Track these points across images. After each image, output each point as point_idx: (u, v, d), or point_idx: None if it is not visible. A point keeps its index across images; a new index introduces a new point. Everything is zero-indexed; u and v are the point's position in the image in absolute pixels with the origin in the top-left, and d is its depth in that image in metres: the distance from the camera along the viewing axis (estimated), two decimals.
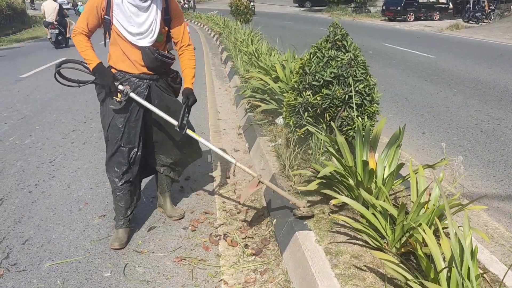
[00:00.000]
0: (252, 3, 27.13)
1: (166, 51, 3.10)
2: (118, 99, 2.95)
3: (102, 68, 2.93)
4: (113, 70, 3.01)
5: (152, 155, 3.35)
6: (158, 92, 3.09)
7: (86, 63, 2.98)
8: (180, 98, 3.24)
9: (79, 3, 43.77)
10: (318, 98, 3.64)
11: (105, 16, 2.90)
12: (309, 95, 3.69)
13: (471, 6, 26.81)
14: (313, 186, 3.06)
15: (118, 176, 3.08)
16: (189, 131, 3.10)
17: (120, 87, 2.94)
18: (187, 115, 3.07)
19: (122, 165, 3.07)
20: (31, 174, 4.33)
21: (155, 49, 2.95)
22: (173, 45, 3.25)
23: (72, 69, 3.05)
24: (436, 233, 2.50)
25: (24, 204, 3.69)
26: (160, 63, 2.99)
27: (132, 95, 2.96)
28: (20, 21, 26.76)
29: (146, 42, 2.93)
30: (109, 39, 2.99)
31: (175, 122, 3.03)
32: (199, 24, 26.30)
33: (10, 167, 4.52)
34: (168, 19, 3.04)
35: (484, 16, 25.31)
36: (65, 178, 4.23)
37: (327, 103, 3.63)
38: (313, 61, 3.72)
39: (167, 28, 3.07)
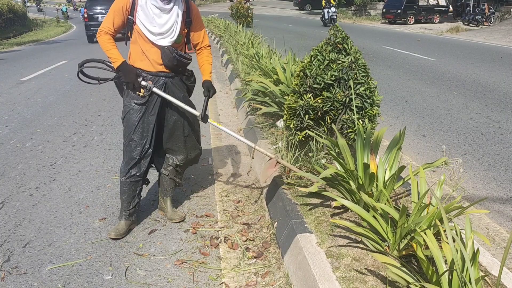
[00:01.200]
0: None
1: (184, 52, 3.27)
2: (141, 94, 3.13)
3: (126, 66, 3.09)
4: None
5: (159, 157, 3.45)
6: (173, 89, 3.24)
7: (108, 62, 3.20)
8: (195, 96, 3.44)
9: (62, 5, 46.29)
10: (319, 101, 3.65)
11: (129, 17, 3.07)
12: (310, 97, 3.69)
13: (471, 9, 26.86)
14: (314, 188, 3.06)
15: (125, 171, 3.22)
16: (210, 120, 3.32)
17: (143, 83, 3.11)
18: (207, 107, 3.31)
19: (131, 160, 3.20)
20: (32, 177, 4.33)
21: (174, 48, 3.11)
22: (192, 47, 3.41)
23: (92, 68, 3.27)
24: (437, 236, 2.50)
25: (25, 207, 3.69)
26: (177, 62, 3.14)
27: (155, 89, 3.13)
28: (21, 24, 26.84)
29: (167, 41, 3.09)
30: (131, 38, 3.16)
31: (197, 113, 3.24)
32: None
33: (11, 170, 4.53)
34: (189, 22, 3.21)
35: (484, 19, 25.34)
36: (66, 181, 4.23)
37: (327, 106, 3.63)
38: (313, 64, 3.73)
39: (186, 30, 3.23)
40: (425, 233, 2.22)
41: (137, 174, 3.23)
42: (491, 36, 19.84)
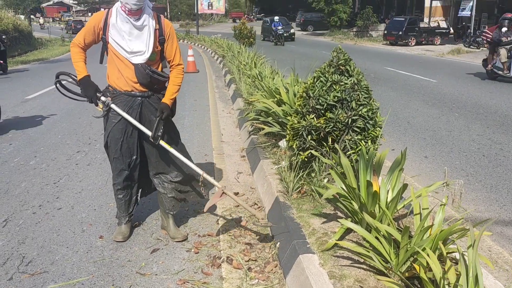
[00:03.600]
0: None
1: (160, 70, 3.32)
2: (99, 109, 3.25)
3: (87, 80, 3.22)
4: (110, 89, 3.28)
5: (153, 178, 3.49)
6: (150, 108, 3.30)
7: (74, 76, 3.29)
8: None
9: None
10: (322, 122, 3.68)
11: (103, 36, 3.17)
12: (313, 118, 3.73)
13: (472, 31, 27.11)
14: (317, 211, 3.07)
15: (119, 182, 3.37)
16: (162, 142, 3.28)
17: (103, 98, 3.22)
18: (161, 128, 3.25)
19: (123, 171, 3.36)
20: (35, 195, 4.34)
21: (147, 66, 3.18)
22: (167, 64, 3.43)
23: (69, 82, 3.42)
24: (440, 257, 2.50)
25: (28, 225, 3.70)
26: (151, 79, 3.21)
27: (113, 106, 3.21)
28: (26, 43, 27.14)
29: (140, 59, 3.17)
30: (107, 56, 3.26)
31: (149, 133, 3.24)
32: (202, 46, 26.64)
33: (15, 188, 4.54)
34: (162, 40, 3.27)
35: (485, 41, 25.53)
36: (69, 199, 4.24)
37: (330, 127, 3.67)
38: (316, 85, 3.78)
39: (160, 48, 3.27)
40: (428, 255, 2.22)
41: (131, 183, 3.43)
42: None
